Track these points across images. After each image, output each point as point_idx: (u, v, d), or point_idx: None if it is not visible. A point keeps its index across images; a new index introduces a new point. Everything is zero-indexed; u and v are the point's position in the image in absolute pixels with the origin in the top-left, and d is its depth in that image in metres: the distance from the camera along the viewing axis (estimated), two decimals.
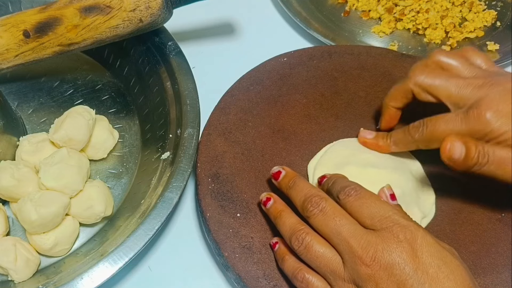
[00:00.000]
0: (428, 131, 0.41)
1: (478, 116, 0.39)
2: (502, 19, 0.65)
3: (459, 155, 0.37)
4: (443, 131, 0.40)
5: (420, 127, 0.42)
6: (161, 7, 0.45)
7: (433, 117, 0.41)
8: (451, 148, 0.37)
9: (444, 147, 0.37)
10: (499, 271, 0.41)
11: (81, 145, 0.46)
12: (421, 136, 0.42)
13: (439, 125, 0.41)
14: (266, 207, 0.41)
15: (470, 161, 0.37)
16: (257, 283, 0.39)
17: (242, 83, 0.51)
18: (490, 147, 0.38)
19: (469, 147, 0.37)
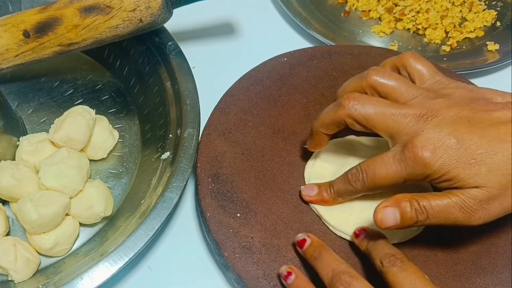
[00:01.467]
0: (369, 180, 0.38)
1: (415, 158, 0.36)
2: (502, 19, 0.65)
3: (394, 221, 0.35)
4: (384, 177, 0.37)
5: (359, 175, 0.39)
6: (161, 7, 0.45)
7: (370, 161, 0.39)
8: (383, 218, 0.35)
9: (376, 218, 0.35)
10: (499, 271, 0.41)
11: (81, 145, 0.46)
12: (363, 185, 0.39)
13: (379, 171, 0.37)
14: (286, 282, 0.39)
15: (409, 222, 0.36)
16: (257, 283, 0.39)
17: (242, 83, 0.51)
18: (426, 199, 0.36)
19: (403, 209, 0.35)
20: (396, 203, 0.36)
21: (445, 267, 0.41)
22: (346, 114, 0.39)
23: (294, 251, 0.41)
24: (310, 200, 0.44)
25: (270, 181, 0.45)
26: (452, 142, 0.35)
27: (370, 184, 0.39)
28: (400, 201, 0.36)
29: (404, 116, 0.37)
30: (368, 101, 0.38)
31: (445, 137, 0.35)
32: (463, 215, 0.35)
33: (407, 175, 0.37)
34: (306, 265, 0.41)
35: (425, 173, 0.36)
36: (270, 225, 0.43)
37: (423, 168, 0.36)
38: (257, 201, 0.44)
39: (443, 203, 0.35)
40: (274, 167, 0.46)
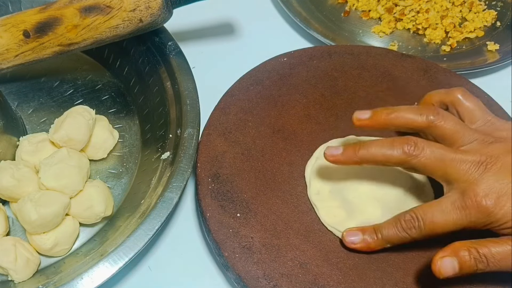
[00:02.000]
0: (427, 228, 0.38)
1: (478, 207, 0.36)
2: (502, 19, 0.65)
3: (452, 270, 0.35)
4: (444, 225, 0.37)
5: (415, 222, 0.38)
6: (161, 7, 0.45)
7: (426, 207, 0.38)
8: (441, 269, 0.35)
9: (434, 269, 0.35)
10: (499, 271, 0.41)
11: (81, 145, 0.46)
12: (419, 233, 0.38)
13: (437, 219, 0.37)
14: None
15: (468, 270, 0.35)
16: (257, 283, 0.39)
17: (242, 83, 0.51)
18: (486, 247, 0.35)
19: (461, 258, 0.35)
20: (454, 252, 0.35)
21: None
22: (403, 160, 0.38)
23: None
24: (355, 248, 0.41)
25: (270, 181, 0.45)
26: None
27: (428, 232, 0.38)
28: (458, 250, 0.35)
29: (463, 163, 0.37)
30: (427, 146, 0.38)
31: (508, 186, 0.35)
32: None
33: (468, 223, 0.37)
34: (307, 264, 0.41)
35: (488, 221, 0.36)
36: (270, 225, 0.43)
37: (486, 217, 0.36)
38: (257, 201, 0.44)
39: (504, 250, 0.35)
40: (274, 167, 0.46)
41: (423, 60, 0.54)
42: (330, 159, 0.41)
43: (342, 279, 0.40)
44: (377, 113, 0.41)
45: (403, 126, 0.40)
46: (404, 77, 0.53)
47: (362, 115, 0.41)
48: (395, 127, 0.40)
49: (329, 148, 0.42)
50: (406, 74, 0.53)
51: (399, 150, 0.38)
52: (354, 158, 0.40)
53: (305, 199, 0.45)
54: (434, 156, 0.38)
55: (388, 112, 0.40)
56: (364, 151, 0.40)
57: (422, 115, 0.39)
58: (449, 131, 0.39)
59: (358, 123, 0.41)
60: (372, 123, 0.41)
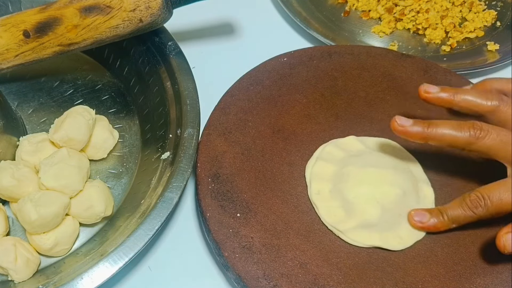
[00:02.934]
0: (493, 207, 0.39)
1: None
2: (502, 19, 0.65)
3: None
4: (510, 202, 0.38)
5: (481, 201, 0.39)
6: (161, 7, 0.45)
7: (491, 187, 0.39)
8: (506, 244, 0.37)
9: (498, 244, 0.37)
10: (499, 271, 0.41)
11: (81, 145, 0.46)
12: (486, 212, 0.39)
13: (505, 198, 0.38)
14: None
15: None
16: (257, 283, 0.39)
17: (242, 83, 0.51)
18: None
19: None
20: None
21: (445, 267, 0.41)
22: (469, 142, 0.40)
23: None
24: (422, 228, 0.42)
25: (270, 181, 0.45)
26: None
27: (495, 210, 0.39)
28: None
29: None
30: (493, 130, 0.39)
31: None
32: None
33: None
34: (307, 264, 0.41)
35: None
36: (270, 225, 0.43)
37: None
38: (257, 201, 0.44)
39: None
40: (274, 167, 0.46)
41: (423, 60, 0.54)
42: (399, 128, 0.42)
43: (342, 279, 0.40)
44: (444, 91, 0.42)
45: (468, 109, 0.42)
46: (404, 77, 0.53)
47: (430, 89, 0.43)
48: (460, 108, 0.42)
49: (399, 117, 0.42)
50: (406, 74, 0.53)
51: (466, 133, 0.40)
52: (423, 134, 0.41)
53: (305, 199, 0.45)
54: (499, 139, 0.39)
55: (455, 92, 0.42)
56: (433, 129, 0.41)
57: (488, 100, 0.41)
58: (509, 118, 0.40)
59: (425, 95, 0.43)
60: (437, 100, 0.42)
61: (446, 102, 0.42)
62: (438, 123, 0.41)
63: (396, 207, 0.43)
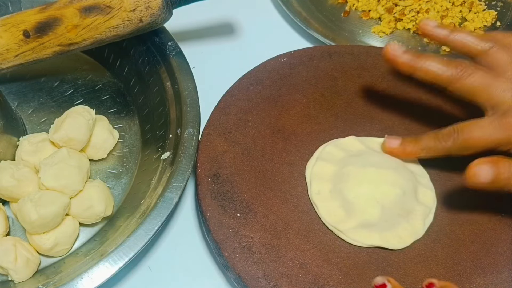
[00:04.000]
0: (462, 139, 0.40)
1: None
2: (502, 19, 0.65)
3: (485, 178, 0.36)
4: (478, 139, 0.39)
5: (453, 134, 0.41)
6: (161, 7, 0.45)
7: (466, 123, 0.40)
8: (476, 173, 0.37)
9: (469, 172, 0.37)
10: (499, 271, 0.41)
11: (81, 145, 0.46)
12: (454, 144, 0.41)
13: (474, 132, 0.39)
14: None
15: (500, 183, 0.37)
16: (257, 283, 0.39)
17: (242, 83, 0.51)
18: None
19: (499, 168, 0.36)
20: (494, 162, 0.37)
21: (445, 267, 0.41)
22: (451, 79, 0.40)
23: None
24: (391, 151, 0.45)
25: (270, 181, 0.45)
26: None
27: (462, 143, 0.40)
28: (498, 161, 0.37)
29: (508, 90, 0.39)
30: (476, 71, 0.40)
31: None
32: None
33: (503, 139, 0.38)
34: (307, 264, 0.41)
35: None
36: (270, 225, 0.43)
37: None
38: (257, 201, 0.44)
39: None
40: (274, 167, 0.46)
41: None
42: (390, 54, 0.43)
43: (342, 279, 0.40)
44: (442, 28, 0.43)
45: (461, 48, 0.43)
46: (404, 77, 0.53)
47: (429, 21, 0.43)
48: (453, 47, 0.43)
49: (392, 44, 0.43)
50: None
51: (452, 70, 0.41)
52: (411, 63, 0.42)
53: (305, 199, 0.45)
54: (480, 81, 0.40)
55: (450, 31, 0.43)
56: (422, 60, 0.42)
57: (481, 42, 0.42)
58: (502, 61, 0.40)
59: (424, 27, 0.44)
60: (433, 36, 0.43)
61: (442, 38, 0.43)
62: (427, 56, 0.42)
63: (396, 207, 0.43)
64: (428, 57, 0.42)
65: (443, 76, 0.41)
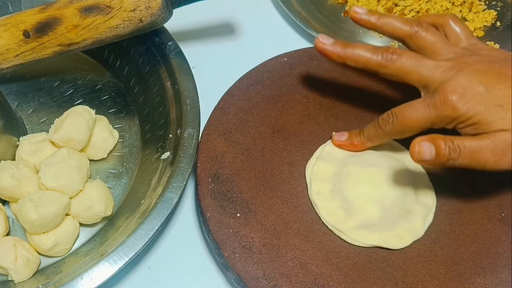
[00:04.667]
0: (398, 122, 0.41)
1: (445, 101, 0.38)
2: (502, 19, 0.65)
3: (429, 155, 0.37)
4: (414, 120, 0.40)
5: (389, 118, 0.42)
6: (161, 7, 0.45)
7: (401, 106, 0.41)
8: (419, 151, 0.37)
9: (412, 150, 0.37)
10: (499, 271, 0.41)
11: (81, 145, 0.46)
12: (392, 128, 0.42)
13: (408, 114, 0.40)
14: None
15: (442, 158, 0.37)
16: (257, 283, 0.39)
17: (242, 83, 0.51)
18: (460, 139, 0.37)
19: (438, 145, 0.37)
20: (432, 139, 0.37)
21: (445, 267, 0.41)
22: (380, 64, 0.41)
23: None
24: (340, 145, 0.46)
25: (270, 181, 0.45)
26: (481, 89, 0.38)
27: (399, 126, 0.41)
28: (435, 138, 0.37)
29: (437, 67, 0.40)
30: (405, 54, 0.41)
31: (475, 84, 0.38)
32: (493, 157, 0.37)
33: (435, 117, 0.39)
34: (307, 264, 0.41)
35: (452, 116, 0.38)
36: (270, 225, 0.43)
37: (451, 111, 0.38)
38: (257, 201, 0.44)
39: (476, 144, 0.37)
40: (274, 167, 0.46)
41: None
42: (319, 45, 0.43)
43: (342, 279, 0.40)
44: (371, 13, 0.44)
45: (389, 32, 0.43)
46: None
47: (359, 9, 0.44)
48: (382, 31, 0.44)
49: (322, 35, 0.44)
50: None
51: (379, 56, 0.41)
52: (340, 53, 0.43)
53: (305, 199, 0.45)
54: (409, 62, 0.40)
55: (379, 16, 0.43)
56: (350, 49, 0.42)
57: (407, 25, 0.42)
58: (430, 42, 0.42)
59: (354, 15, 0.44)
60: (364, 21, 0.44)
61: (372, 24, 0.44)
62: (356, 45, 0.42)
63: (396, 207, 0.43)
64: (356, 46, 0.42)
65: (373, 62, 0.41)
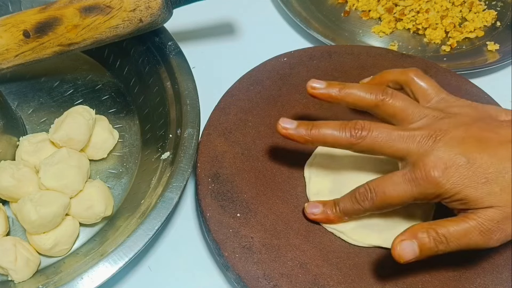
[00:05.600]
0: (378, 199, 0.38)
1: (427, 177, 0.35)
2: (502, 19, 0.65)
3: (413, 254, 0.35)
4: (394, 197, 0.37)
5: (368, 194, 0.39)
6: (161, 7, 0.45)
7: (379, 180, 0.38)
8: (401, 254, 0.35)
9: (393, 253, 0.35)
10: (499, 271, 0.41)
11: (81, 145, 0.46)
12: (371, 205, 0.39)
13: (389, 191, 0.37)
14: None
15: (428, 252, 0.35)
16: (257, 283, 0.39)
17: (242, 83, 0.51)
18: (444, 226, 0.35)
19: (420, 240, 0.35)
20: (413, 235, 0.35)
21: (445, 267, 0.41)
22: (350, 143, 0.38)
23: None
24: (315, 219, 0.42)
25: (270, 181, 0.45)
26: (463, 161, 0.35)
27: (379, 203, 0.38)
28: (416, 232, 0.35)
29: (412, 138, 0.37)
30: (374, 128, 0.38)
31: (456, 157, 0.35)
32: (483, 238, 0.35)
33: (417, 194, 0.37)
34: (307, 264, 0.41)
35: (436, 193, 0.36)
36: (270, 225, 0.43)
37: (434, 187, 0.36)
38: (257, 201, 0.44)
39: (462, 228, 0.35)
40: (274, 167, 0.46)
41: (423, 60, 0.54)
42: (283, 131, 0.40)
43: (342, 279, 0.40)
44: (330, 86, 0.41)
45: (354, 104, 0.40)
46: None
47: (316, 84, 0.41)
48: (346, 103, 0.41)
49: (283, 119, 0.40)
50: None
51: (348, 133, 0.38)
52: (306, 137, 0.40)
53: (305, 199, 0.45)
54: (381, 137, 0.38)
55: (341, 88, 0.40)
56: (316, 131, 0.39)
57: (372, 93, 0.39)
58: (399, 109, 0.39)
59: (312, 91, 0.41)
60: (323, 96, 0.41)
61: (333, 98, 0.40)
62: (321, 124, 0.39)
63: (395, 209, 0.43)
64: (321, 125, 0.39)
65: (342, 142, 0.39)
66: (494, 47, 0.60)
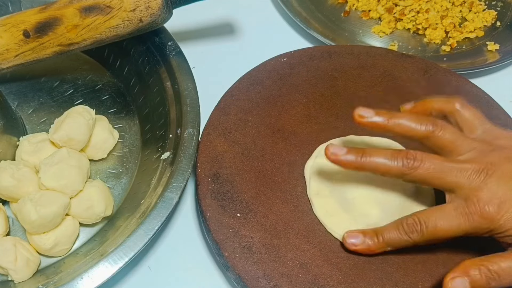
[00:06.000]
0: (429, 232, 0.38)
1: (481, 213, 0.36)
2: (502, 19, 0.65)
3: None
4: (446, 230, 0.37)
5: (417, 226, 0.38)
6: (161, 7, 0.45)
7: (429, 212, 0.38)
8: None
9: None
10: None
11: (81, 145, 0.46)
12: (421, 237, 0.38)
13: (440, 224, 0.37)
14: None
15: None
16: (257, 283, 0.39)
17: (242, 83, 0.51)
18: (495, 263, 0.35)
19: (473, 278, 0.34)
20: (465, 272, 0.35)
21: (445, 267, 0.41)
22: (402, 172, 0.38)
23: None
24: (355, 250, 0.41)
25: (270, 181, 0.45)
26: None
27: (430, 236, 0.38)
28: (468, 270, 0.35)
29: (463, 171, 0.37)
30: (426, 159, 0.38)
31: (508, 192, 0.36)
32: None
33: (470, 228, 0.37)
34: (307, 264, 0.41)
35: (490, 228, 0.36)
36: (270, 225, 0.43)
37: (489, 223, 0.36)
38: (257, 201, 0.44)
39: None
40: (274, 167, 0.46)
41: (423, 60, 0.54)
42: (332, 157, 0.40)
43: (342, 279, 0.40)
44: (378, 115, 0.40)
45: (403, 134, 0.40)
46: (404, 77, 0.53)
47: (364, 113, 0.41)
48: (395, 133, 0.40)
49: (332, 145, 0.40)
50: (406, 74, 0.53)
51: (400, 163, 0.38)
52: (356, 164, 0.40)
53: (305, 199, 0.45)
54: (433, 168, 0.38)
55: (389, 117, 0.40)
56: (367, 158, 0.39)
57: (422, 125, 0.39)
58: (448, 141, 0.39)
59: (359, 119, 0.41)
60: (372, 125, 0.41)
61: (381, 127, 0.40)
62: (372, 152, 0.39)
63: (396, 210, 0.43)
64: (372, 153, 0.39)
65: (393, 171, 0.39)
66: (494, 47, 0.60)
